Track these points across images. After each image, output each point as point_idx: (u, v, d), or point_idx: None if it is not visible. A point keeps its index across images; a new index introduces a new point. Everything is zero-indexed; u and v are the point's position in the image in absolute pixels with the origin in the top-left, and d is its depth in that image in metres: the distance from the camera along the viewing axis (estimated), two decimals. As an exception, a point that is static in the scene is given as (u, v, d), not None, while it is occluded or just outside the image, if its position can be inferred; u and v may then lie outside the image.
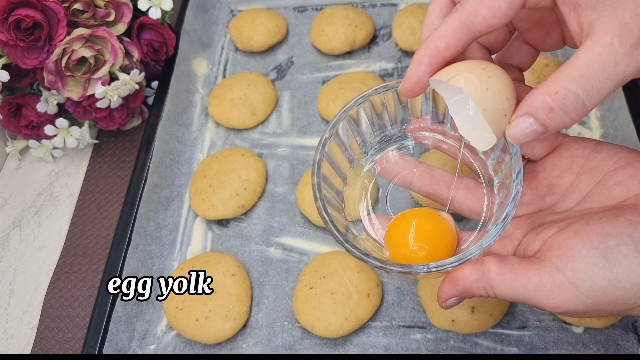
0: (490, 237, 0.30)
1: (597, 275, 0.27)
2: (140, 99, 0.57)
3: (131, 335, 0.46)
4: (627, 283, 0.27)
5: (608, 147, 0.33)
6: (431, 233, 0.34)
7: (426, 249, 0.33)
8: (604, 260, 0.27)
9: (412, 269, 0.31)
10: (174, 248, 0.51)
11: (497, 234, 0.30)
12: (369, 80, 0.55)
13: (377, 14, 0.63)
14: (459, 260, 0.30)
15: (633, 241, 0.27)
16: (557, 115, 0.27)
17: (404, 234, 0.34)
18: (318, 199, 0.34)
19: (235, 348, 0.45)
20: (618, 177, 0.31)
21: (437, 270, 0.30)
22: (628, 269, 0.27)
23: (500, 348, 0.42)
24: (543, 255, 0.29)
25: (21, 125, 0.56)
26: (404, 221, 0.35)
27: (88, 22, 0.51)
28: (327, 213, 0.33)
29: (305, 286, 0.45)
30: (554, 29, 0.34)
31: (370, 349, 0.43)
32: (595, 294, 0.27)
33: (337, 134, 0.36)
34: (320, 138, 0.36)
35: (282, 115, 0.58)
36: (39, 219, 0.56)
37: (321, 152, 0.35)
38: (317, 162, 0.35)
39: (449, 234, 0.34)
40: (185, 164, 0.55)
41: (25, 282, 0.52)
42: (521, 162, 0.31)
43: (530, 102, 0.27)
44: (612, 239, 0.27)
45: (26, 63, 0.49)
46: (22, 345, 0.49)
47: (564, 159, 0.34)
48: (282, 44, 0.63)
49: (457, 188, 0.36)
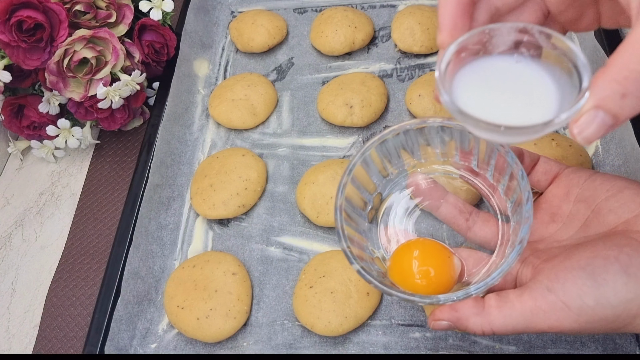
0: (511, 259, 0.31)
1: (586, 294, 0.29)
2: (142, 100, 0.57)
3: (132, 334, 0.46)
4: (614, 301, 0.28)
5: (602, 176, 0.35)
6: (435, 262, 0.35)
7: (431, 277, 0.35)
8: (592, 280, 0.29)
9: (439, 299, 0.32)
10: (175, 247, 0.51)
11: (516, 255, 0.31)
12: (369, 81, 0.56)
13: (376, 15, 0.63)
14: (483, 286, 0.31)
15: (619, 262, 0.29)
16: (631, 101, 0.24)
17: (409, 264, 0.35)
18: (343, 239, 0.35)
19: (236, 346, 0.45)
20: (610, 205, 0.33)
21: (464, 297, 0.31)
22: (614, 289, 0.28)
23: (498, 347, 0.42)
24: (535, 280, 0.31)
25: (23, 125, 0.56)
26: (408, 250, 0.36)
27: (89, 23, 0.51)
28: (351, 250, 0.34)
29: (305, 285, 0.45)
30: (590, 7, 0.32)
31: (369, 347, 0.43)
32: (586, 313, 0.29)
33: (365, 160, 0.37)
34: (349, 164, 0.37)
35: (282, 115, 0.58)
36: (40, 219, 0.57)
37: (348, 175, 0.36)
38: (342, 186, 0.36)
39: (451, 263, 0.35)
40: (186, 164, 0.55)
41: (27, 281, 0.53)
42: (529, 187, 0.33)
43: (599, 92, 0.24)
44: (599, 260, 0.29)
45: (28, 64, 0.49)
46: (24, 344, 0.49)
47: (561, 189, 0.36)
48: (282, 45, 0.63)
49: (474, 221, 0.38)
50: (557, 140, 0.49)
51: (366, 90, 0.55)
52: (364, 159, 0.37)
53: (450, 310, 0.32)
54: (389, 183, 0.40)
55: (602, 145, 0.49)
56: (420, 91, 0.54)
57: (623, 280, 0.28)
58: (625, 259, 0.29)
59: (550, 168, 0.37)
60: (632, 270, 0.29)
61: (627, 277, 0.28)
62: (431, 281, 0.34)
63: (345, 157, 0.54)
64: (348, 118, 0.54)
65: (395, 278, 0.36)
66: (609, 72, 0.24)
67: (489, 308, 0.31)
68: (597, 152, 0.50)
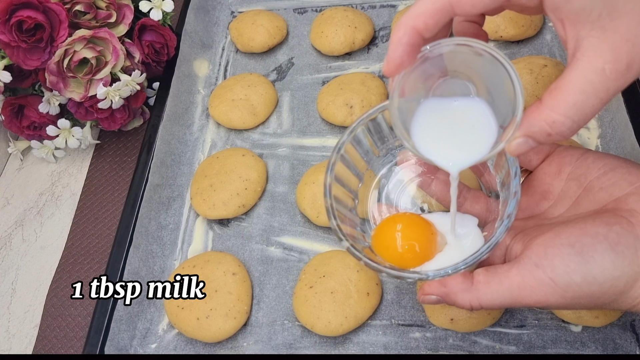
0: (499, 234, 0.32)
1: (573, 271, 0.29)
2: (142, 100, 0.57)
3: (132, 334, 0.46)
4: (601, 278, 0.29)
5: (594, 154, 0.35)
6: (417, 235, 0.35)
7: (416, 250, 0.35)
8: (580, 257, 0.29)
9: (428, 275, 0.32)
10: (175, 247, 0.51)
11: (504, 230, 0.32)
12: (369, 81, 0.56)
13: (376, 15, 0.63)
14: (471, 261, 0.31)
15: (607, 240, 0.29)
16: (554, 138, 0.29)
17: (392, 237, 0.35)
18: (328, 196, 0.36)
19: (236, 347, 0.45)
20: (602, 183, 0.33)
21: (454, 272, 0.32)
22: (602, 266, 0.29)
23: (498, 347, 0.42)
24: (523, 255, 0.31)
25: (23, 125, 0.56)
26: (391, 224, 0.37)
27: (89, 23, 0.51)
28: (335, 217, 0.35)
29: (305, 285, 0.45)
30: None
31: (369, 347, 0.43)
32: (572, 289, 0.29)
33: (355, 138, 0.38)
34: (338, 141, 0.37)
35: (282, 115, 0.58)
36: (41, 219, 0.57)
37: (337, 153, 0.37)
38: (331, 165, 0.37)
39: (432, 234, 0.36)
40: (187, 164, 0.55)
41: (27, 281, 0.53)
42: (517, 163, 0.33)
43: (529, 127, 0.29)
44: (587, 238, 0.30)
45: (28, 64, 0.49)
46: (24, 344, 0.49)
47: (553, 167, 0.36)
48: (282, 45, 0.63)
49: (465, 197, 0.39)
50: (557, 140, 0.49)
51: (366, 90, 0.55)
52: (353, 137, 0.37)
53: (439, 285, 0.33)
54: (379, 160, 0.41)
55: (603, 145, 0.49)
56: (420, 91, 0.54)
57: (610, 258, 0.29)
58: (614, 236, 0.29)
59: (541, 147, 0.37)
60: (620, 248, 0.29)
61: (614, 254, 0.29)
62: (414, 253, 0.35)
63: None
64: (348, 118, 0.54)
65: (379, 250, 0.36)
66: (542, 112, 0.28)
67: (477, 284, 0.32)
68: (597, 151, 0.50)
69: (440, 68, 0.32)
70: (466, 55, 0.31)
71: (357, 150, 0.39)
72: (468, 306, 0.32)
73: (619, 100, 0.48)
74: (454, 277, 0.32)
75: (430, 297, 0.33)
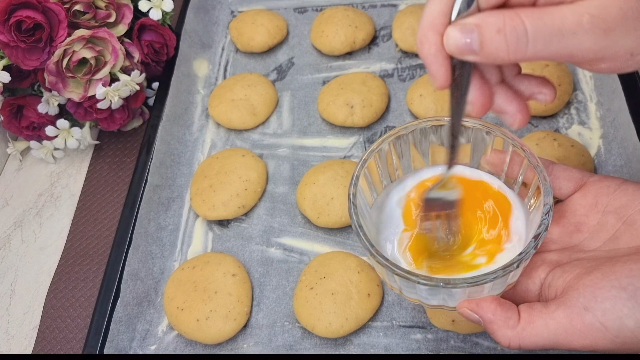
0: (531, 247, 0.31)
1: (626, 315, 0.28)
2: (141, 100, 0.57)
3: (132, 336, 0.46)
4: None
5: (634, 185, 0.34)
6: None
7: None
8: (633, 302, 0.28)
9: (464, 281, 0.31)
10: (175, 248, 0.51)
11: (538, 243, 0.31)
12: (369, 81, 0.55)
13: (377, 14, 0.63)
14: (504, 271, 0.31)
15: None
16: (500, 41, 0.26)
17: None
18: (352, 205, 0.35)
19: (236, 348, 0.45)
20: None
21: (478, 283, 0.31)
22: None
23: (500, 348, 0.42)
24: (569, 296, 0.30)
25: (22, 126, 0.56)
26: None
27: (89, 23, 0.51)
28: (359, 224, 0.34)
29: (305, 286, 0.45)
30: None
31: (370, 349, 0.43)
32: (624, 334, 0.28)
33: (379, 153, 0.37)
34: (361, 157, 0.37)
35: (282, 116, 0.58)
36: (40, 220, 0.56)
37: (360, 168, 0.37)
38: (354, 178, 0.36)
39: None
40: (186, 165, 0.55)
41: (26, 282, 0.53)
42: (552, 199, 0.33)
43: (485, 17, 0.26)
44: (639, 280, 0.28)
45: (27, 64, 0.49)
46: (24, 345, 0.49)
47: (589, 198, 0.35)
48: (282, 45, 0.63)
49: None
50: (559, 140, 0.48)
51: (367, 90, 0.55)
52: (379, 150, 0.37)
53: (487, 311, 0.31)
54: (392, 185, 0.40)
55: (605, 145, 0.49)
56: (422, 91, 0.53)
57: None
58: None
59: (571, 174, 0.36)
60: None
61: None
62: None
63: (346, 158, 0.53)
64: (349, 118, 0.54)
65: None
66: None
67: (522, 322, 0.30)
68: (599, 152, 0.49)
69: None
70: None
71: (378, 168, 0.38)
72: (506, 344, 0.31)
73: (621, 100, 0.48)
74: (503, 308, 0.31)
75: (473, 315, 0.32)
